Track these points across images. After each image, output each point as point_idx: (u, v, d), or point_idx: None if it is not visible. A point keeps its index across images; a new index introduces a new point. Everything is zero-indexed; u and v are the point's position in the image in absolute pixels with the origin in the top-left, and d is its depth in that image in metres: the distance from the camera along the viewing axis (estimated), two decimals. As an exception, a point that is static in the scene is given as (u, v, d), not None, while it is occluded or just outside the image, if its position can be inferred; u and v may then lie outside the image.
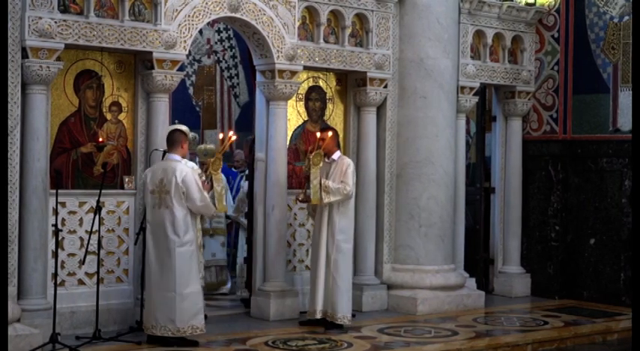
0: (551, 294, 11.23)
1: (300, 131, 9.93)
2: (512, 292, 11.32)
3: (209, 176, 8.16)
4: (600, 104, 10.97)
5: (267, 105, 9.46)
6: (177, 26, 8.56)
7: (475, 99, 10.95)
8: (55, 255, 8.06)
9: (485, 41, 11.02)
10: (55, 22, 7.88)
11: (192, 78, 14.14)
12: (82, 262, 8.21)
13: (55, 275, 8.00)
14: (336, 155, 9.02)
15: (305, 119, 9.96)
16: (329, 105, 10.11)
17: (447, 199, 10.21)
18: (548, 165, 11.34)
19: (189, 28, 8.65)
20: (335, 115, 10.15)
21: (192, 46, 11.30)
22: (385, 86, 10.09)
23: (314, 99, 10.01)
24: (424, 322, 9.48)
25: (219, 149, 8.29)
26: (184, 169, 7.95)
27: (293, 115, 9.82)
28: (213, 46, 14.29)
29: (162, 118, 8.66)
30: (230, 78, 14.52)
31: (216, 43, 14.32)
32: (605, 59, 10.96)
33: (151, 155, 8.46)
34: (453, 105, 10.38)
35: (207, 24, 9.90)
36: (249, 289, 9.89)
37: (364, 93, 9.97)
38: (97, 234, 8.09)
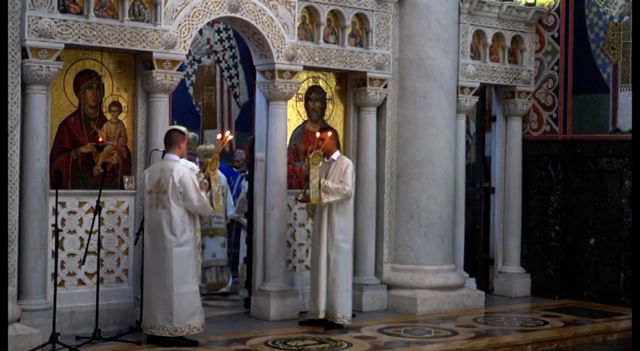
0: (551, 294, 11.22)
1: (300, 131, 9.93)
2: (512, 292, 11.31)
3: (207, 176, 8.16)
4: (600, 104, 10.97)
5: (267, 105, 9.45)
6: (177, 26, 8.56)
7: (475, 99, 10.95)
8: (55, 255, 8.06)
9: (485, 41, 11.01)
10: (55, 22, 7.88)
11: (192, 78, 14.13)
12: (81, 262, 8.21)
13: (55, 275, 8.00)
14: (336, 155, 9.01)
15: (305, 119, 9.96)
16: (329, 105, 10.10)
17: (446, 199, 10.21)
18: (548, 165, 11.34)
19: (189, 28, 8.65)
20: (335, 115, 10.15)
21: (192, 46, 11.31)
22: (385, 86, 10.09)
23: (314, 99, 10.01)
24: (424, 322, 9.48)
25: (216, 149, 8.29)
26: (181, 169, 7.93)
27: (293, 115, 9.82)
28: (213, 46, 14.29)
29: (162, 118, 8.66)
30: (230, 78, 14.51)
31: (216, 43, 14.32)
32: (605, 59, 10.96)
33: (151, 155, 8.45)
34: (452, 105, 10.38)
35: (207, 24, 9.90)
36: (249, 289, 9.90)
37: (364, 93, 9.97)
38: (97, 234, 8.09)
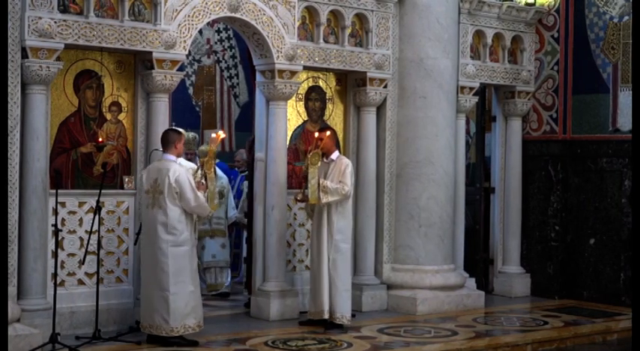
0: (551, 294, 11.22)
1: (300, 131, 9.93)
2: (512, 292, 11.31)
3: (203, 175, 8.15)
4: (600, 104, 10.97)
5: (267, 105, 9.45)
6: (177, 26, 8.56)
7: (475, 99, 10.95)
8: (55, 255, 8.06)
9: (485, 41, 11.01)
10: (55, 22, 7.88)
11: (192, 78, 14.14)
12: (81, 262, 8.21)
13: (55, 275, 8.00)
14: (335, 155, 9.01)
15: (305, 119, 9.96)
16: (329, 105, 10.10)
17: (446, 199, 10.21)
18: (548, 165, 11.33)
19: (189, 28, 8.65)
20: (335, 115, 10.15)
21: (192, 46, 11.31)
22: (385, 86, 10.09)
23: (314, 99, 10.00)
24: (424, 322, 9.47)
25: (210, 148, 8.28)
26: (178, 169, 7.92)
27: (293, 115, 9.82)
28: (213, 46, 14.29)
29: (162, 118, 8.65)
30: (230, 78, 14.52)
31: (216, 43, 14.32)
32: (605, 59, 10.95)
33: (151, 155, 8.44)
34: (452, 105, 10.38)
35: (207, 24, 9.90)
36: (248, 289, 9.90)
37: (364, 93, 9.97)
38: (97, 234, 8.09)
